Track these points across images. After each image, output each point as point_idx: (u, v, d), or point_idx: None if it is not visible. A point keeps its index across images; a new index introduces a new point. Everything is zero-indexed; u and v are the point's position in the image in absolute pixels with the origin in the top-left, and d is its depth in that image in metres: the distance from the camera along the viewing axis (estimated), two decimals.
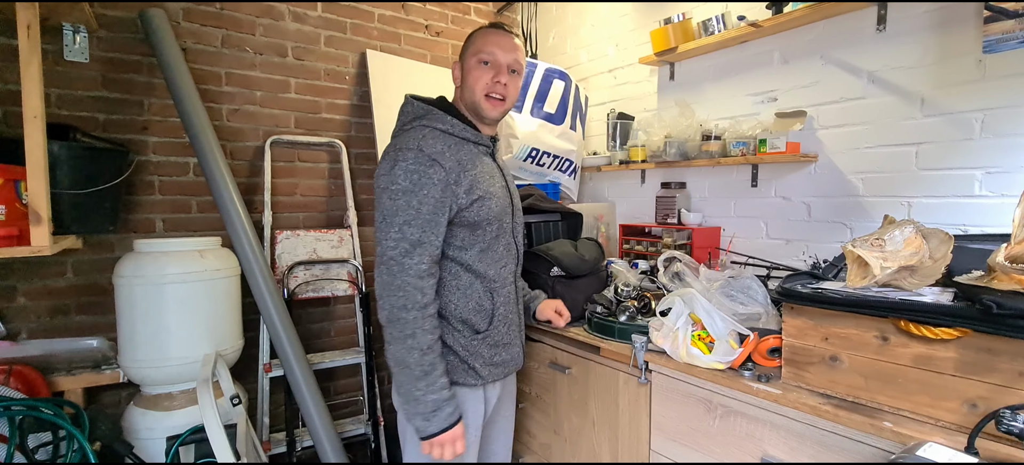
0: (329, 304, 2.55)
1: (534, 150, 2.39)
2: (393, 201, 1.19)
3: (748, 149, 1.92)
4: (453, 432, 1.24)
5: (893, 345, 1.06)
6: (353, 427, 2.42)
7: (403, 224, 1.18)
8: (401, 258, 1.18)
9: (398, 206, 1.18)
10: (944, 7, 1.55)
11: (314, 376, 2.13)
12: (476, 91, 1.31)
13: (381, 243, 1.20)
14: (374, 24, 2.64)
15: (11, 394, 1.58)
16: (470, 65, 1.33)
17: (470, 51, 1.35)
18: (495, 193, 1.33)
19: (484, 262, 1.32)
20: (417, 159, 1.19)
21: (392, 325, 1.20)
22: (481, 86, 1.31)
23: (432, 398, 1.21)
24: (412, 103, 1.35)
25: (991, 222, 1.49)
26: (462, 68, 1.36)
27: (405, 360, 1.20)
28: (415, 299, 1.19)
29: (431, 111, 1.31)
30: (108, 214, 1.89)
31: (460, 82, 1.37)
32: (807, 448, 1.17)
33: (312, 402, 2.07)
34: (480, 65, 1.32)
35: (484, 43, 1.33)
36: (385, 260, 1.19)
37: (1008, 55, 1.42)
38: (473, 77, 1.32)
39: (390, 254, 1.19)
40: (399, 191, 1.18)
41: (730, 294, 1.49)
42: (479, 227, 1.29)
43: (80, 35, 1.94)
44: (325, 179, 2.54)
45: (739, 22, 1.95)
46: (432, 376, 1.21)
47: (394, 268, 1.18)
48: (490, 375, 1.36)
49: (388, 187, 1.20)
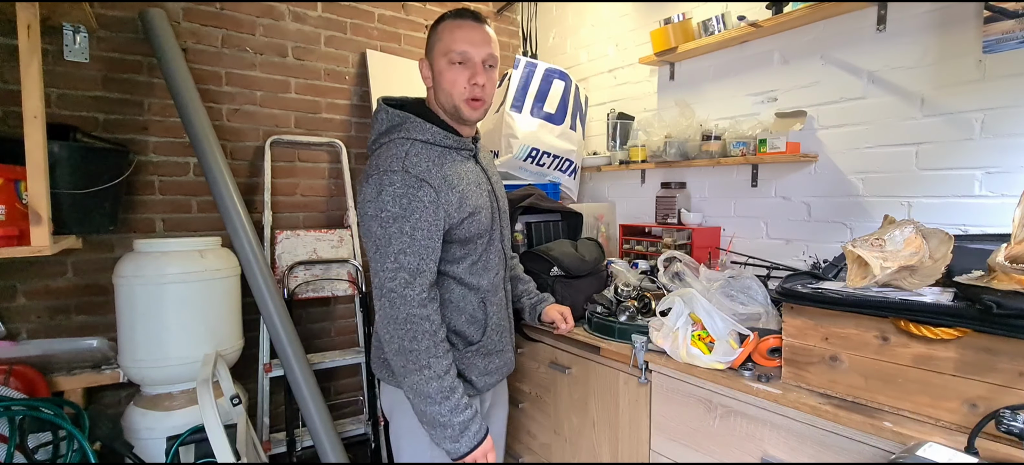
0: (329, 304, 2.55)
1: (534, 150, 2.39)
2: (384, 229, 1.12)
3: (748, 149, 1.92)
4: (484, 447, 1.21)
5: (893, 345, 1.06)
6: (353, 427, 2.42)
7: (398, 253, 1.12)
8: (402, 290, 1.13)
9: (391, 234, 1.12)
10: (944, 7, 1.55)
11: (314, 376, 2.13)
12: (454, 95, 1.21)
13: (378, 275, 1.14)
14: (374, 24, 2.64)
15: (11, 394, 1.58)
16: (441, 66, 1.21)
17: (439, 49, 1.22)
18: (483, 205, 1.27)
19: (476, 274, 1.29)
20: (404, 182, 1.12)
21: (403, 357, 1.15)
22: (458, 90, 1.21)
23: (459, 420, 1.17)
24: (386, 111, 1.25)
25: (991, 222, 1.49)
26: (432, 67, 1.24)
27: (424, 390, 1.16)
28: (424, 329, 1.14)
29: (408, 119, 1.22)
30: (108, 214, 1.89)
31: (432, 83, 1.25)
32: (807, 448, 1.17)
33: (312, 402, 2.07)
34: (453, 66, 1.20)
35: (453, 39, 1.20)
36: (385, 293, 1.14)
37: (1008, 55, 1.42)
38: (447, 80, 1.21)
39: (388, 286, 1.13)
40: (389, 218, 1.11)
41: (730, 294, 1.49)
42: (470, 241, 1.25)
43: (80, 35, 1.94)
44: (325, 179, 2.54)
45: (739, 22, 1.95)
46: (454, 398, 1.18)
47: (396, 301, 1.13)
48: (485, 385, 1.34)
49: (377, 215, 1.12)
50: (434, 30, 1.25)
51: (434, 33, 1.25)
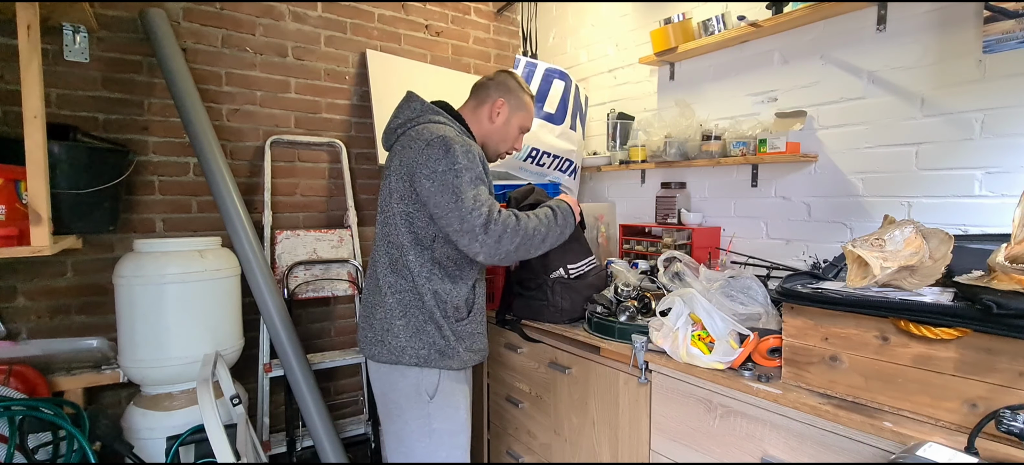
0: (329, 304, 2.55)
1: (534, 150, 2.39)
2: (458, 178, 1.27)
3: (748, 149, 1.92)
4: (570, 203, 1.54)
5: (893, 345, 1.06)
6: (353, 427, 2.42)
7: (476, 194, 1.28)
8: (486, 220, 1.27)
9: (463, 182, 1.27)
10: (944, 7, 1.55)
11: (314, 376, 2.13)
12: (502, 146, 1.56)
13: (465, 219, 1.27)
14: (374, 24, 2.64)
15: (11, 394, 1.58)
16: (513, 128, 1.55)
17: (521, 115, 1.55)
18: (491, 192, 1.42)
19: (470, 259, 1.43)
20: (464, 142, 1.32)
21: (523, 250, 1.35)
22: (508, 145, 1.57)
23: (559, 223, 1.45)
24: (418, 99, 1.45)
25: (991, 222, 1.49)
26: (507, 119, 1.53)
27: (544, 240, 1.40)
28: (515, 226, 1.31)
29: (441, 112, 1.44)
30: (108, 214, 1.89)
31: (497, 123, 1.52)
32: (807, 448, 1.17)
33: (312, 402, 2.07)
34: (519, 134, 1.57)
35: (529, 117, 1.58)
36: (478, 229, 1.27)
37: (1008, 55, 1.42)
38: (509, 138, 1.56)
39: (477, 223, 1.26)
40: (462, 168, 1.28)
41: (730, 294, 1.49)
42: None
43: (80, 35, 1.94)
44: (325, 179, 2.54)
45: (739, 22, 1.95)
46: (547, 220, 1.42)
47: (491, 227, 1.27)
48: (470, 360, 1.46)
49: (451, 167, 1.28)
50: (523, 91, 1.56)
51: (522, 97, 1.56)
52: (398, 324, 1.37)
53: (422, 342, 1.37)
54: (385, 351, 1.38)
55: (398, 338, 1.36)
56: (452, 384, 1.42)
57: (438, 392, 1.39)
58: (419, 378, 1.38)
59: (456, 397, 1.43)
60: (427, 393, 1.38)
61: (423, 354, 1.36)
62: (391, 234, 1.39)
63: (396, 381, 1.40)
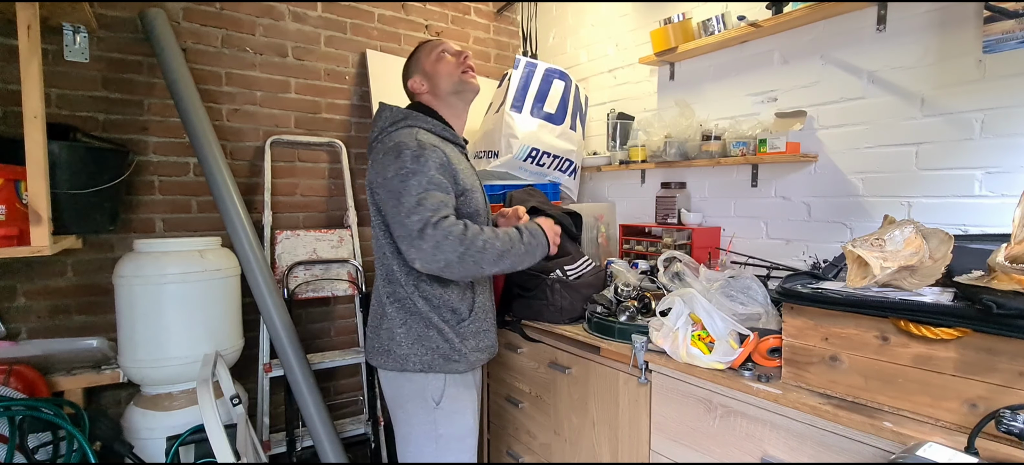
0: (329, 304, 2.55)
1: (534, 150, 2.39)
2: (404, 182, 1.24)
3: (748, 149, 1.92)
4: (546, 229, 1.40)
5: (893, 345, 1.06)
6: (353, 427, 2.42)
7: (419, 196, 1.23)
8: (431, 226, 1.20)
9: (409, 186, 1.23)
10: (944, 7, 1.55)
11: (314, 376, 2.13)
12: (454, 75, 1.44)
13: (403, 224, 1.22)
14: (374, 24, 2.64)
15: (11, 394, 1.58)
16: (431, 65, 1.45)
17: (424, 59, 1.47)
18: (476, 188, 1.42)
19: None
20: (419, 146, 1.28)
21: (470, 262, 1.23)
22: (453, 68, 1.45)
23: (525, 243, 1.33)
24: (388, 108, 1.43)
25: (991, 222, 1.49)
26: (425, 74, 1.46)
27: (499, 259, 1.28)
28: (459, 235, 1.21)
29: (411, 114, 1.41)
30: (108, 214, 1.89)
31: (428, 87, 1.45)
32: (807, 448, 1.17)
33: (312, 402, 2.07)
34: (443, 57, 1.46)
35: (434, 45, 1.48)
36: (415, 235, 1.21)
37: (1008, 55, 1.42)
38: (443, 69, 1.44)
39: (416, 228, 1.21)
40: (408, 173, 1.24)
41: (730, 294, 1.49)
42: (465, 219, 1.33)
43: (80, 35, 1.94)
44: (325, 179, 2.54)
45: (739, 22, 1.95)
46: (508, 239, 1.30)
47: (427, 233, 1.20)
48: (477, 360, 1.44)
49: (397, 172, 1.25)
50: (417, 53, 1.49)
51: (414, 57, 1.50)
52: (399, 332, 1.37)
53: (425, 348, 1.36)
54: (391, 360, 1.39)
55: (401, 346, 1.37)
56: (458, 389, 1.42)
57: (444, 397, 1.39)
58: (424, 384, 1.38)
59: (462, 402, 1.42)
60: (433, 399, 1.38)
61: (426, 360, 1.36)
62: (379, 245, 1.41)
63: (402, 387, 1.40)
